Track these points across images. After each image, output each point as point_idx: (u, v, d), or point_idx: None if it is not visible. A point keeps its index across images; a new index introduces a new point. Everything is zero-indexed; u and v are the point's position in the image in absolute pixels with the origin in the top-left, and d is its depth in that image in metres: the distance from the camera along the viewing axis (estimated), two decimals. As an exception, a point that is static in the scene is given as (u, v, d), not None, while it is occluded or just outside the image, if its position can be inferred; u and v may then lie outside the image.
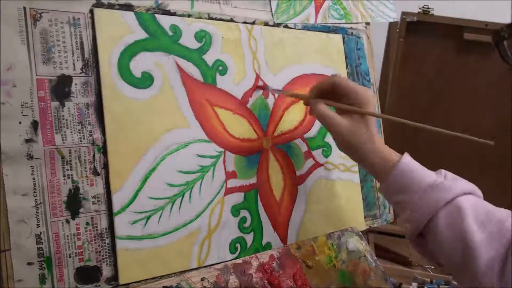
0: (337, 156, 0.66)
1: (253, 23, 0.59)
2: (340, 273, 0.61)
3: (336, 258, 0.60)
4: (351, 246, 0.62)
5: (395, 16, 0.76)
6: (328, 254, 0.60)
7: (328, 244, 0.61)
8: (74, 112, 0.45)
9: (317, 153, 0.64)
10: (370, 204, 0.70)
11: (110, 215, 0.46)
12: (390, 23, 1.09)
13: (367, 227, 0.69)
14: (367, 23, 0.73)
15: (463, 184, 0.47)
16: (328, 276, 0.59)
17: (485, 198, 0.48)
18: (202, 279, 0.50)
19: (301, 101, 0.61)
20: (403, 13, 1.04)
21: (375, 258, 0.63)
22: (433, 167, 0.49)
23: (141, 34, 0.49)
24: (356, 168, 0.68)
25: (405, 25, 1.04)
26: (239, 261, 0.53)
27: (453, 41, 1.06)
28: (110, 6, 0.48)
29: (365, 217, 0.69)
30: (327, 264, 0.60)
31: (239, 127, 0.56)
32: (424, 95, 1.11)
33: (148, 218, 0.48)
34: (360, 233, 0.64)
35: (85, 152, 0.45)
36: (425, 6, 1.04)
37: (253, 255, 0.54)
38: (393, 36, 1.09)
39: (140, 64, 0.49)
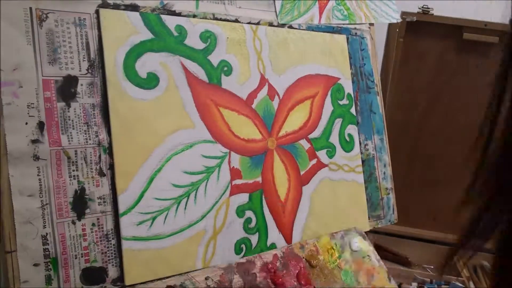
0: (341, 156, 0.66)
1: (258, 23, 0.59)
2: (343, 272, 0.61)
3: (339, 258, 0.61)
4: (355, 246, 0.62)
5: (398, 17, 0.76)
6: (332, 253, 0.61)
7: (331, 244, 0.61)
8: (80, 112, 0.44)
9: (322, 154, 0.64)
10: (374, 205, 0.70)
11: (116, 216, 0.46)
12: (390, 23, 1.09)
13: (371, 227, 0.69)
14: (371, 24, 0.73)
15: None
16: (331, 276, 0.59)
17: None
18: (206, 278, 0.50)
19: (306, 101, 0.61)
20: (403, 13, 1.04)
21: (379, 257, 0.64)
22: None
23: (147, 35, 0.49)
24: (360, 169, 0.68)
25: (405, 25, 1.04)
26: (243, 260, 0.53)
27: (453, 41, 1.06)
28: (116, 7, 0.47)
29: (369, 218, 0.69)
30: (330, 264, 0.60)
31: (244, 128, 0.56)
32: (424, 95, 1.11)
33: (153, 219, 0.48)
34: (364, 233, 0.64)
35: (91, 153, 0.45)
36: (425, 6, 1.04)
37: (257, 254, 0.54)
38: (393, 36, 1.09)
39: (145, 64, 0.48)
